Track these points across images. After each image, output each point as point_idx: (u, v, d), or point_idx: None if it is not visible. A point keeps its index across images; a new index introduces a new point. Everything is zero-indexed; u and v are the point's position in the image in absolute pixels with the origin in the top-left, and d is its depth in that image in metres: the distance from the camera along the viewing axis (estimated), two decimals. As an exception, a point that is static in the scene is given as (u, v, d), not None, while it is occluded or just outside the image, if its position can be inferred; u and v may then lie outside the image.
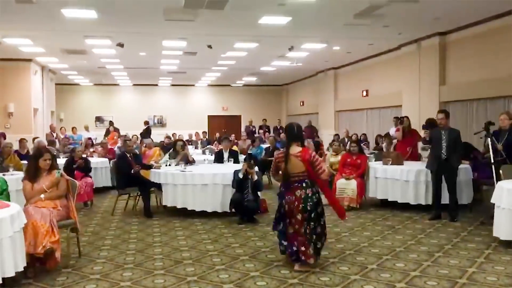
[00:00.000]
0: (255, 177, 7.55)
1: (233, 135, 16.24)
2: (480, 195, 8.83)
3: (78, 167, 8.94)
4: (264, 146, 13.67)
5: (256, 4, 9.29)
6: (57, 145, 13.22)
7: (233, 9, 9.50)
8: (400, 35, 12.65)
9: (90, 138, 15.27)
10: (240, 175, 7.50)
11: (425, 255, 5.55)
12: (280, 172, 5.11)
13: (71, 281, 4.74)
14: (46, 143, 11.35)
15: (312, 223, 4.95)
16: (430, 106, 12.26)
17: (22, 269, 4.46)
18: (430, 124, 9.33)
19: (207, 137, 18.45)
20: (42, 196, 5.25)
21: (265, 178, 11.08)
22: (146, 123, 20.79)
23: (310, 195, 4.95)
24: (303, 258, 4.90)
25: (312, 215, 4.94)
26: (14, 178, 7.28)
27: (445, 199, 7.66)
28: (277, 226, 5.22)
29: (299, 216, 4.93)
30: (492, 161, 6.97)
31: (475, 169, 8.37)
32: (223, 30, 11.73)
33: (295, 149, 5.04)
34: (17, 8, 9.21)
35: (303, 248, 4.90)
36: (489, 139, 7.07)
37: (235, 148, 11.73)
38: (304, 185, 4.97)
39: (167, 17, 10.07)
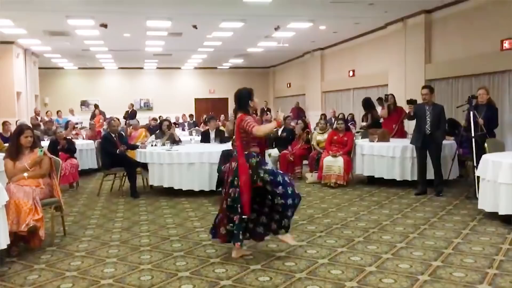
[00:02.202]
0: None
1: (223, 115, 16.14)
2: (465, 171, 8.93)
3: (63, 148, 8.84)
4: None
5: (241, -20, 9.17)
6: (42, 127, 13.04)
7: (217, -14, 9.37)
8: (386, 14, 12.59)
9: (76, 123, 15.11)
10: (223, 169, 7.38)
11: (411, 228, 5.59)
12: None
13: (56, 259, 4.69)
14: (30, 125, 11.17)
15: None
16: (416, 85, 12.24)
17: (5, 247, 4.38)
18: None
19: (193, 119, 18.36)
20: (25, 174, 5.16)
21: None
22: (131, 106, 20.73)
23: (236, 167, 4.55)
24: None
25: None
26: (-3, 159, 7.15)
27: (430, 174, 7.71)
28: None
29: (226, 188, 4.63)
30: (473, 134, 7.02)
31: (460, 145, 8.43)
32: (208, 9, 11.56)
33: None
34: (-4, -14, 8.98)
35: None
36: (471, 112, 7.10)
37: (222, 128, 11.67)
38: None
39: (151, -5, 9.90)
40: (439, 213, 6.31)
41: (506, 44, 9.90)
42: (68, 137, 9.63)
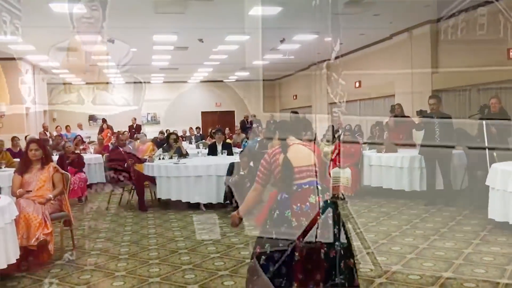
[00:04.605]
0: None
1: (227, 128, 16.20)
2: (474, 181, 8.85)
3: (72, 161, 8.88)
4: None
5: (246, -6, 9.25)
6: (50, 142, 13.13)
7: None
8: (391, 24, 12.61)
9: (81, 137, 15.20)
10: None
11: (421, 239, 5.55)
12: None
13: (65, 273, 4.70)
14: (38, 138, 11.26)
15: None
16: (423, 95, 12.23)
17: (15, 261, 4.39)
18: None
19: (200, 132, 18.42)
20: (51, 195, 5.17)
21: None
22: (134, 120, 21.00)
23: (329, 202, 3.36)
24: None
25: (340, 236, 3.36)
26: (7, 174, 7.23)
27: (439, 184, 7.66)
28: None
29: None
30: (486, 144, 6.97)
31: (469, 155, 8.36)
32: (214, 23, 11.65)
33: (296, 140, 3.53)
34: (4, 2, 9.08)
35: None
36: (484, 121, 7.07)
37: (228, 140, 11.69)
38: (319, 187, 3.36)
39: (157, 10, 9.99)
40: (449, 224, 6.26)
41: (513, 53, 9.88)
42: (76, 151, 9.68)
